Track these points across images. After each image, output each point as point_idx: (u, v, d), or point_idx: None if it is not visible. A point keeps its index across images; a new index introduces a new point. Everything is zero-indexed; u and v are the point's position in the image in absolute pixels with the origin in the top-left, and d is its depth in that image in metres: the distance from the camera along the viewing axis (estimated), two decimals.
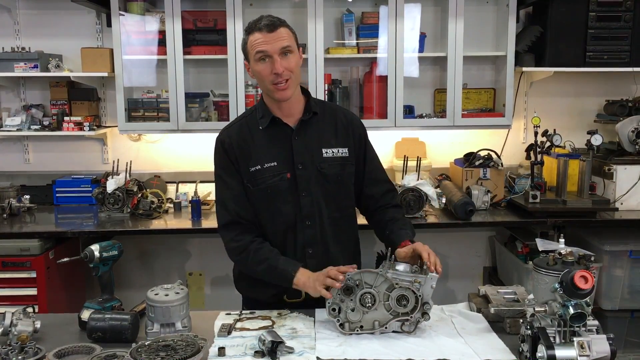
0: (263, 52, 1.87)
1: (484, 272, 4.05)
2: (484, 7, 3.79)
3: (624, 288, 3.30)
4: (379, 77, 3.63)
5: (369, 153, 2.13)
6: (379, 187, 2.13)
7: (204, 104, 3.74)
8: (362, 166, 2.10)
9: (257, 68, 1.91)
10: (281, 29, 1.89)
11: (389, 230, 2.03)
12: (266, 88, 1.95)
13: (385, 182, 2.16)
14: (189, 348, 1.50)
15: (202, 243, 3.95)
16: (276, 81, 1.89)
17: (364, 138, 2.12)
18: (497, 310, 1.81)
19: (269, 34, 1.87)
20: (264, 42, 1.87)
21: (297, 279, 1.88)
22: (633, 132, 3.39)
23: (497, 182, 3.54)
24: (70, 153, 3.96)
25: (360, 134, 2.11)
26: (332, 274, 1.77)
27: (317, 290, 1.80)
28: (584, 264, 1.57)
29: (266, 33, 1.87)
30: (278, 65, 1.87)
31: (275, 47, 1.87)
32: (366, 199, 2.14)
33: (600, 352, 1.46)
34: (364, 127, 2.14)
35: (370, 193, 2.12)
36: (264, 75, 1.90)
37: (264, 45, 1.87)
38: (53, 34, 3.81)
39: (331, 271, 1.78)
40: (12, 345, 1.59)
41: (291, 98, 1.97)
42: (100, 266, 1.87)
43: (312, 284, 1.83)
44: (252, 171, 1.99)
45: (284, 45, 1.88)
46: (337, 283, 1.74)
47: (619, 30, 3.55)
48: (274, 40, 1.87)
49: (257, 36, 1.88)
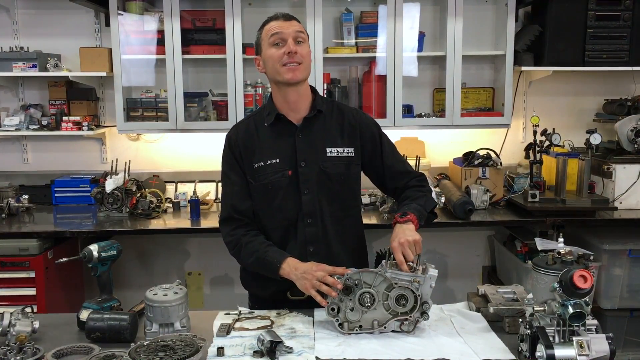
0: (278, 34, 1.94)
1: (483, 271, 4.05)
2: (483, 6, 3.80)
3: (623, 287, 3.30)
4: (378, 77, 3.63)
5: (386, 148, 2.12)
6: (403, 178, 2.13)
7: (202, 104, 3.74)
8: (380, 162, 2.11)
9: (270, 52, 1.96)
10: (296, 21, 2.01)
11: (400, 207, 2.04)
12: (276, 71, 1.96)
13: (408, 173, 2.15)
14: (188, 348, 1.49)
15: (201, 243, 3.95)
16: (287, 61, 1.93)
17: (378, 136, 2.12)
18: (496, 310, 1.80)
19: (285, 21, 1.97)
20: (279, 27, 1.95)
21: (282, 270, 1.89)
22: (632, 131, 3.39)
23: (496, 181, 3.54)
24: (69, 153, 3.96)
25: (373, 133, 2.11)
26: (329, 281, 1.76)
27: (306, 289, 1.81)
28: (583, 263, 1.57)
29: (282, 21, 1.97)
30: (292, 45, 1.93)
31: (290, 30, 1.95)
32: (393, 190, 2.15)
33: (600, 351, 1.46)
34: (377, 125, 2.15)
35: (396, 186, 2.13)
36: (276, 57, 1.94)
37: (280, 28, 1.95)
38: (51, 33, 3.81)
39: (328, 278, 1.77)
40: (11, 345, 1.58)
41: (299, 91, 2.00)
42: (99, 266, 1.87)
43: (300, 280, 1.84)
44: (255, 167, 2.01)
45: (298, 30, 1.96)
46: (334, 292, 1.75)
47: (618, 29, 3.55)
48: (289, 27, 1.96)
49: (273, 24, 1.97)
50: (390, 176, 2.12)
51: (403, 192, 2.11)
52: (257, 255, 1.96)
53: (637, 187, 3.37)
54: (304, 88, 2.02)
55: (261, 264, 1.95)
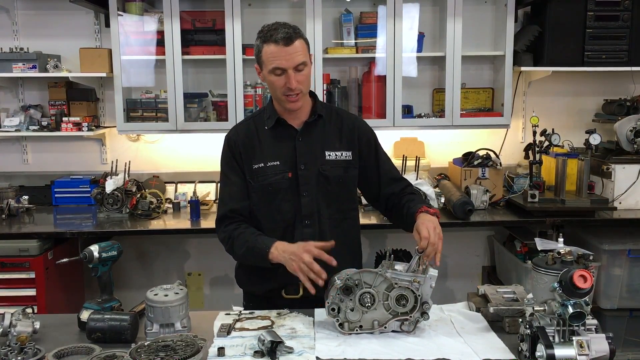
0: (279, 68, 1.91)
1: (483, 271, 4.05)
2: (482, 6, 3.80)
3: (622, 287, 3.30)
4: (378, 77, 3.63)
5: (381, 155, 2.17)
6: (396, 184, 2.16)
7: (202, 104, 3.74)
8: (375, 168, 2.14)
9: (271, 79, 1.96)
10: (297, 43, 1.91)
11: (406, 209, 2.03)
12: (278, 97, 2.00)
13: (401, 180, 2.19)
14: (189, 348, 1.50)
15: (201, 243, 3.95)
16: (288, 93, 1.94)
17: (373, 142, 2.16)
18: (496, 310, 1.81)
19: (285, 47, 1.89)
20: (280, 58, 1.90)
21: (271, 254, 1.90)
22: (631, 132, 3.39)
23: (495, 181, 3.55)
24: (69, 153, 3.96)
25: (369, 139, 2.14)
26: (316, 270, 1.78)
27: (294, 271, 1.82)
28: (583, 263, 1.57)
29: (282, 47, 1.89)
30: (292, 81, 1.91)
31: (291, 63, 1.90)
32: (386, 197, 2.16)
33: (600, 351, 1.47)
34: (372, 132, 2.18)
35: (391, 191, 2.14)
36: (277, 86, 1.96)
37: (280, 61, 1.90)
38: (51, 34, 3.81)
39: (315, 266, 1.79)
40: (12, 346, 1.59)
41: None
42: (99, 267, 1.87)
43: (288, 262, 1.85)
44: (255, 168, 2.03)
45: (300, 61, 1.92)
46: (320, 280, 1.78)
47: (617, 29, 3.55)
48: (289, 56, 1.90)
49: (273, 49, 1.90)
50: (388, 181, 2.15)
51: (398, 198, 2.12)
52: (248, 245, 1.98)
53: (636, 187, 3.37)
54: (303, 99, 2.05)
55: (252, 253, 1.97)
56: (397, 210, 2.10)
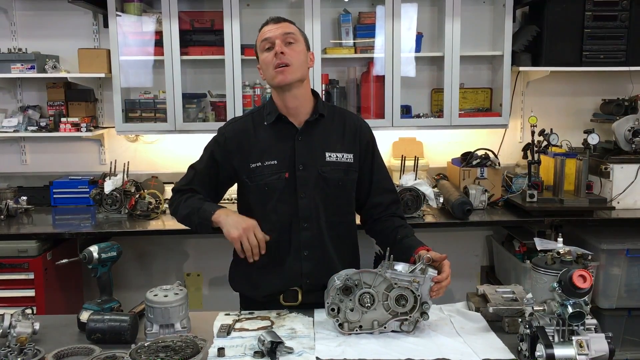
0: (267, 39, 1.95)
1: (482, 271, 4.06)
2: (480, 6, 3.80)
3: (621, 287, 3.31)
4: (376, 77, 3.63)
5: (377, 160, 2.11)
6: (386, 196, 2.11)
7: (201, 105, 3.74)
8: (369, 174, 2.09)
9: (262, 57, 1.97)
10: (287, 23, 1.99)
11: (400, 235, 2.00)
12: (270, 76, 1.97)
13: (392, 192, 2.14)
14: (189, 349, 1.50)
15: (199, 244, 3.95)
16: (276, 63, 1.92)
17: (372, 145, 2.11)
18: (496, 310, 1.81)
19: (275, 24, 1.97)
20: (268, 31, 1.96)
21: (217, 215, 1.93)
22: (629, 131, 3.40)
23: (494, 181, 3.55)
24: (68, 154, 3.95)
25: (369, 141, 2.10)
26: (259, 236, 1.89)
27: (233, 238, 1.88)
28: (582, 263, 1.57)
29: (272, 24, 1.97)
30: (279, 46, 1.92)
31: (278, 32, 1.94)
32: (372, 207, 2.11)
33: (599, 350, 1.47)
34: (372, 135, 2.13)
35: (378, 201, 2.10)
36: (268, 61, 1.94)
37: (269, 32, 1.95)
38: (50, 34, 3.80)
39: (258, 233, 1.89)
40: (11, 347, 1.58)
41: (297, 96, 1.98)
42: (99, 267, 1.87)
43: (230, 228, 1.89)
44: (252, 167, 2.00)
45: (287, 31, 1.95)
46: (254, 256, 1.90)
47: (615, 29, 3.56)
48: (277, 29, 1.96)
49: (264, 28, 1.98)
50: (378, 190, 2.10)
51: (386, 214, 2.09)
52: (193, 206, 2.00)
53: (634, 187, 3.38)
54: (302, 93, 2.00)
55: (195, 213, 1.99)
56: (384, 229, 2.07)
